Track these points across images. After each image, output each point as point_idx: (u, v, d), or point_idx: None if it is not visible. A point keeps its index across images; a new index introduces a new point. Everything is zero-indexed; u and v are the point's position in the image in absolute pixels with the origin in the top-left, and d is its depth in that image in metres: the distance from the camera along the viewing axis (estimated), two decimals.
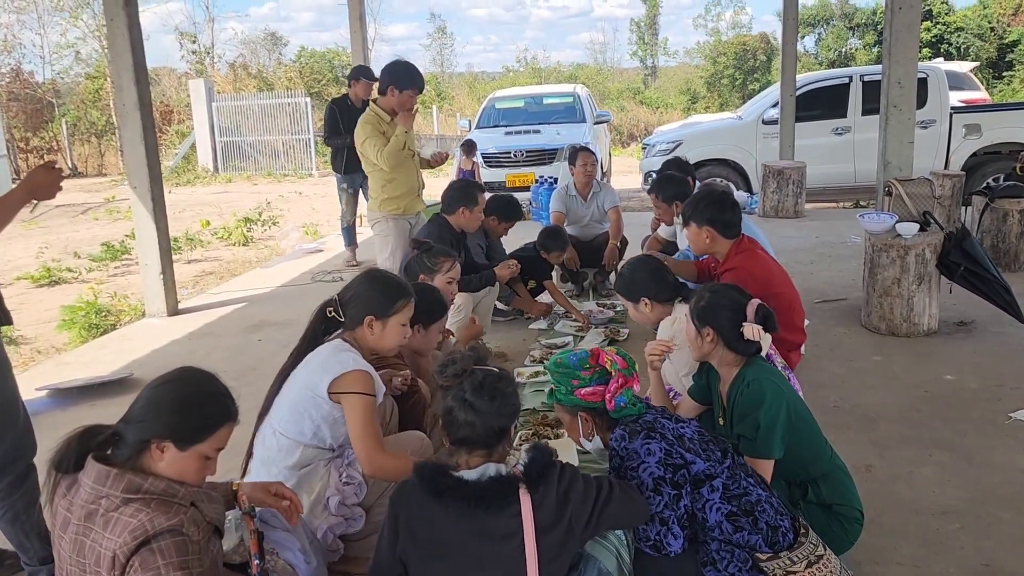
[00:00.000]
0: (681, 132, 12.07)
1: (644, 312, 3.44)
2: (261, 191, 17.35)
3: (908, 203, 5.42)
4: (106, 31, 6.62)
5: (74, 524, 1.83)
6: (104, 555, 1.77)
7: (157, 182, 6.44)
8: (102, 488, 1.82)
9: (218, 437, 1.97)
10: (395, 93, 4.93)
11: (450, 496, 1.94)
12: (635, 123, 28.68)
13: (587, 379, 2.40)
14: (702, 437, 2.35)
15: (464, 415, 2.02)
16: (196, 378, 2.04)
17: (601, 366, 2.40)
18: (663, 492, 2.18)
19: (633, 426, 2.31)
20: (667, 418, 2.37)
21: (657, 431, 2.28)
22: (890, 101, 5.49)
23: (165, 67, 28.95)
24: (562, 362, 2.45)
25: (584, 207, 6.49)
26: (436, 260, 4.00)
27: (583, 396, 2.40)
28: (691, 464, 2.23)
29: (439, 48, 44.36)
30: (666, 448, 2.23)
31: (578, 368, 2.41)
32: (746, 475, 2.31)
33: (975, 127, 10.25)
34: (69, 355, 5.98)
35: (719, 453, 2.31)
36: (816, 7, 33.07)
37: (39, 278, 8.89)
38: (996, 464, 3.47)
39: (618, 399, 2.36)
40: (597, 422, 2.44)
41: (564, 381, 2.43)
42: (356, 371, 2.60)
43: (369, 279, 2.89)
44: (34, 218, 12.96)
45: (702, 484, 2.23)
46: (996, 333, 5.16)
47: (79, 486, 1.86)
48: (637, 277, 3.48)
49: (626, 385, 2.38)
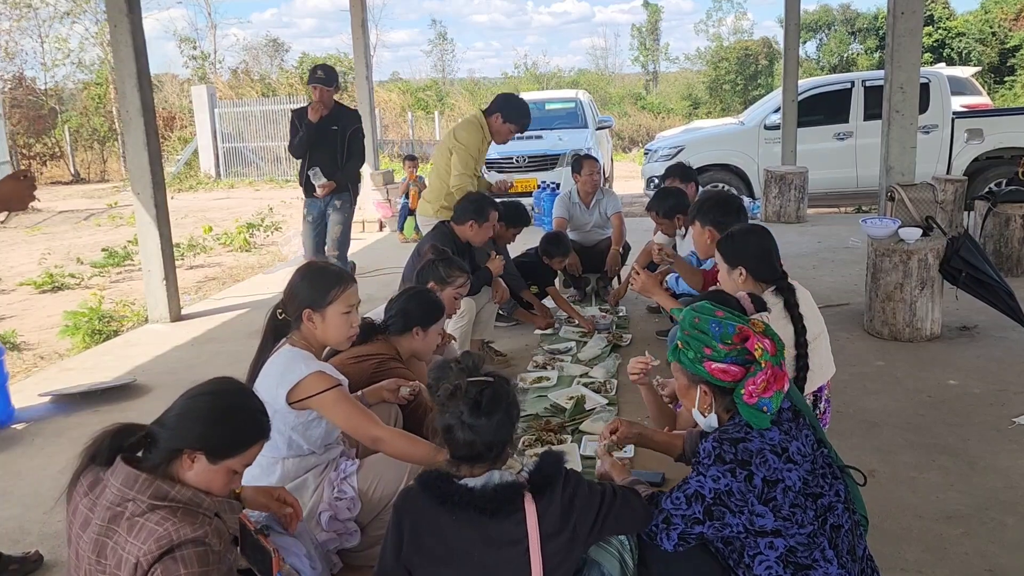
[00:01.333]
0: (683, 137, 12.08)
1: (734, 281, 3.12)
2: (263, 197, 17.38)
3: (910, 208, 5.42)
4: (109, 38, 6.64)
5: (96, 524, 1.82)
6: (127, 560, 1.76)
7: (160, 188, 6.46)
8: (129, 491, 1.82)
9: (249, 454, 1.97)
10: (499, 120, 5.29)
11: (455, 504, 1.91)
12: (637, 128, 28.72)
13: (723, 353, 2.09)
14: (806, 488, 2.03)
15: (463, 435, 1.95)
16: (233, 391, 2.03)
17: (747, 348, 2.08)
18: (692, 506, 2.03)
19: (727, 449, 2.03)
20: (779, 452, 2.04)
21: (750, 467, 2.00)
22: (892, 106, 5.49)
23: (168, 73, 29.03)
24: (701, 324, 2.13)
25: (587, 213, 6.50)
26: (451, 273, 3.96)
27: (713, 371, 2.10)
28: (757, 518, 1.99)
29: (440, 54, 44.50)
30: (733, 491, 1.99)
31: (718, 338, 2.09)
32: (831, 544, 2.04)
33: (977, 132, 10.26)
34: (72, 361, 5.98)
35: (812, 513, 2.02)
36: (818, 12, 33.16)
37: (42, 284, 8.91)
38: (1000, 469, 3.47)
39: (763, 400, 2.04)
40: (719, 400, 2.14)
41: (695, 346, 2.13)
42: (309, 376, 2.56)
43: (301, 273, 2.79)
44: (5, 227, 12.94)
45: (764, 535, 2.01)
46: (999, 338, 5.16)
47: (104, 486, 1.85)
48: (748, 242, 3.17)
49: (776, 383, 2.05)
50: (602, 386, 4.46)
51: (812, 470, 2.06)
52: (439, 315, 3.47)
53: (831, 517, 2.06)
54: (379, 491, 2.66)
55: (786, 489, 2.00)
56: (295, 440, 2.63)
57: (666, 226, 5.14)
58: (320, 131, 6.27)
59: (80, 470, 1.92)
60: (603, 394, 4.35)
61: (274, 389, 2.57)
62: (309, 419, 2.61)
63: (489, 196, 5.13)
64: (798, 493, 2.01)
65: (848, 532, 2.10)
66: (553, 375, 4.68)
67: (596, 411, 4.12)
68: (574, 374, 4.70)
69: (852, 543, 2.11)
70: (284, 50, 32.52)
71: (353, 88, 14.90)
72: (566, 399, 4.24)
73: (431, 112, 28.96)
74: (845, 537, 2.08)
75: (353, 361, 3.24)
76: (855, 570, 2.09)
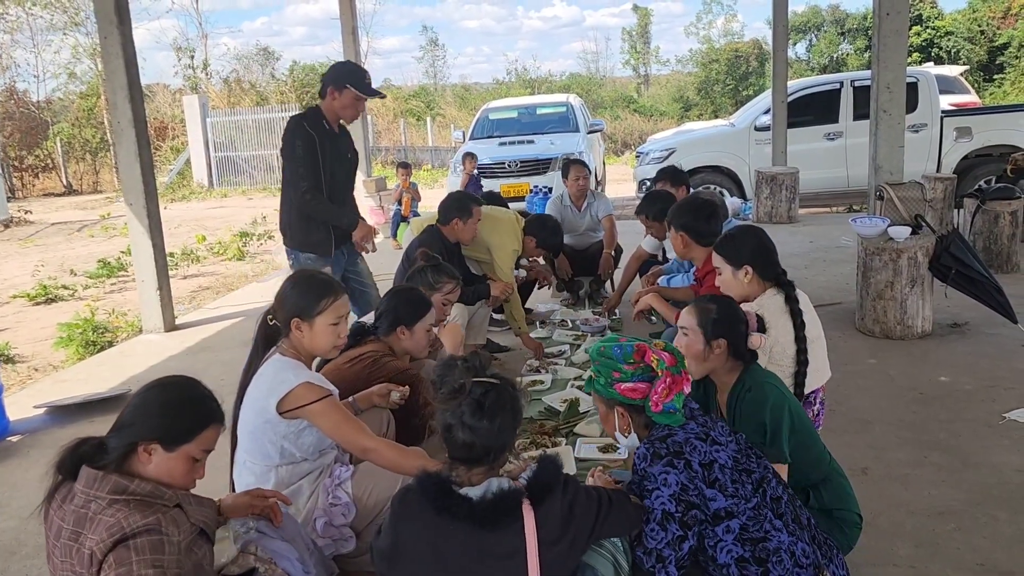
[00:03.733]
0: (675, 140, 12.13)
1: (740, 281, 3.12)
2: (256, 205, 17.37)
3: (900, 207, 5.45)
4: (100, 50, 6.64)
5: (67, 530, 1.85)
6: (85, 554, 1.80)
7: (152, 198, 6.47)
8: (90, 491, 1.86)
9: (204, 438, 2.00)
10: (533, 243, 5.38)
11: (453, 515, 1.88)
12: (629, 131, 28.83)
13: (629, 374, 2.22)
14: (738, 464, 2.16)
15: (463, 435, 1.93)
16: (180, 383, 2.09)
17: (647, 363, 2.20)
18: (668, 529, 2.06)
19: (659, 446, 2.15)
20: (703, 438, 2.17)
21: (684, 455, 2.11)
22: (880, 106, 5.53)
23: (159, 83, 29.06)
24: (605, 351, 2.26)
25: (578, 217, 6.53)
26: (440, 278, 3.96)
27: (623, 391, 2.22)
28: (710, 501, 2.09)
29: (431, 60, 44.60)
30: (684, 483, 2.08)
31: (621, 360, 2.22)
32: (776, 515, 2.14)
33: (966, 130, 10.33)
34: (66, 372, 5.98)
35: (750, 487, 2.14)
36: (807, 13, 33.33)
37: (35, 296, 8.90)
38: (991, 464, 3.49)
39: (667, 404, 2.18)
40: (635, 419, 2.26)
41: (605, 372, 2.26)
42: (298, 386, 2.55)
43: (292, 280, 2.77)
44: None
45: (719, 521, 2.09)
46: (990, 334, 5.19)
47: (72, 494, 1.89)
48: (748, 242, 3.19)
49: (676, 387, 2.18)
50: None
51: (738, 449, 2.21)
52: (423, 312, 3.43)
53: (768, 489, 2.18)
54: (374, 496, 2.67)
55: (722, 467, 2.13)
56: (287, 448, 2.63)
57: (656, 229, 5.16)
58: (340, 156, 4.60)
59: (54, 487, 1.95)
60: None
61: (264, 399, 2.57)
62: (300, 428, 2.60)
63: (468, 192, 5.11)
64: (732, 469, 2.14)
65: (788, 503, 2.21)
66: (547, 378, 4.69)
67: (590, 413, 4.12)
68: (568, 377, 4.71)
69: (795, 513, 2.22)
70: (275, 59, 32.46)
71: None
72: (560, 402, 4.26)
73: (423, 118, 28.99)
74: (787, 507, 2.19)
75: (348, 364, 3.26)
76: (805, 537, 2.18)
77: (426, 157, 25.27)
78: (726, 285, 3.18)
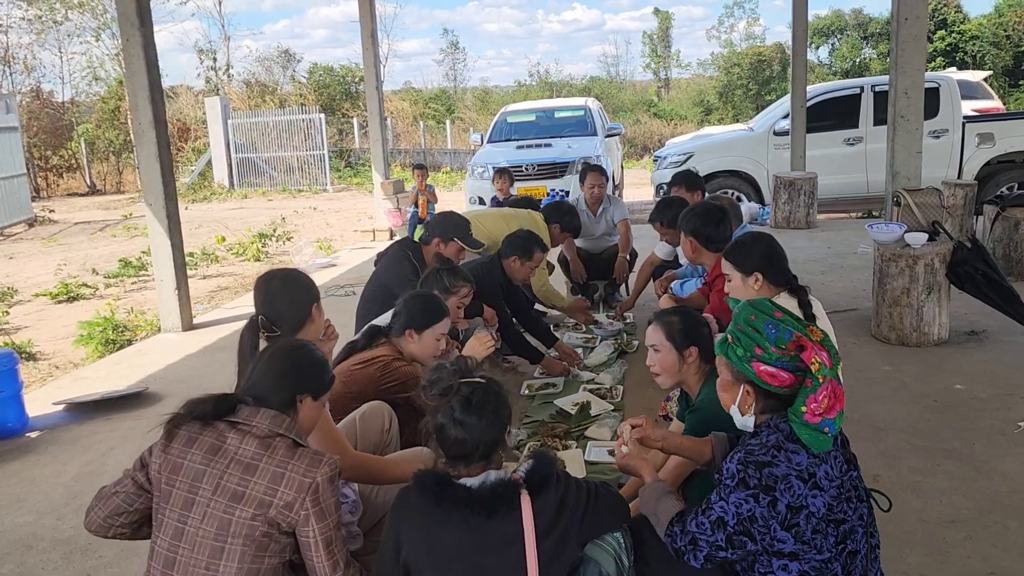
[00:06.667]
0: (692, 144, 12.08)
1: (750, 287, 3.11)
2: (276, 207, 17.52)
3: (917, 213, 5.42)
4: (122, 52, 6.73)
5: (215, 472, 2.02)
6: (296, 481, 2.01)
7: (172, 199, 6.54)
8: (279, 428, 2.09)
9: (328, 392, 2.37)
10: (559, 229, 5.68)
11: (452, 504, 1.94)
12: (649, 135, 28.76)
13: (775, 357, 2.00)
14: (830, 513, 1.95)
15: (456, 433, 2.01)
16: (299, 345, 2.36)
17: (799, 357, 1.98)
18: (715, 533, 1.98)
19: (751, 473, 1.95)
20: (805, 478, 1.93)
21: (774, 493, 1.92)
22: (897, 111, 5.50)
23: (182, 85, 29.34)
24: (756, 322, 2.04)
25: (594, 221, 6.54)
26: (455, 282, 3.93)
27: (760, 373, 2.01)
28: (778, 542, 1.95)
29: (452, 63, 44.68)
30: (755, 516, 1.94)
31: (772, 341, 2.00)
32: (844, 571, 1.99)
33: (988, 136, 10.22)
34: (86, 370, 6.06)
35: (832, 540, 1.96)
36: (830, 17, 33.09)
37: (57, 294, 9.03)
38: (1004, 473, 3.47)
39: (827, 422, 1.92)
40: (761, 404, 2.06)
41: (747, 343, 2.04)
42: None
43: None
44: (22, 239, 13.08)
45: (780, 557, 1.97)
46: (1007, 342, 5.14)
47: (241, 439, 2.06)
48: (757, 249, 3.18)
49: (839, 402, 1.94)
50: (608, 392, 4.48)
51: (838, 495, 1.97)
52: (435, 319, 3.38)
53: (850, 543, 2.00)
54: (381, 495, 2.69)
55: (809, 515, 1.93)
56: None
57: (670, 236, 5.16)
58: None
59: (178, 423, 2.11)
60: (609, 399, 4.37)
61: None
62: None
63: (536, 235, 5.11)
64: (821, 519, 1.94)
65: (863, 558, 2.05)
66: (559, 382, 4.70)
67: (601, 417, 4.14)
68: (581, 380, 4.72)
69: (865, 568, 2.06)
70: (296, 61, 32.68)
71: (364, 98, 14.99)
72: (571, 405, 4.27)
73: (442, 121, 29.08)
74: (860, 563, 2.04)
75: (359, 366, 3.26)
76: None
77: (445, 160, 25.35)
78: (736, 292, 3.19)
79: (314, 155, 21.79)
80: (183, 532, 1.99)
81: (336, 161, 23.54)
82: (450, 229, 4.76)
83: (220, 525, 1.97)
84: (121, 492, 2.15)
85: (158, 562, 2.01)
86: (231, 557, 1.96)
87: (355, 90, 27.33)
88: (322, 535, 2.02)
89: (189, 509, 2.00)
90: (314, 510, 2.00)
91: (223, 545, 1.97)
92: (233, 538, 1.97)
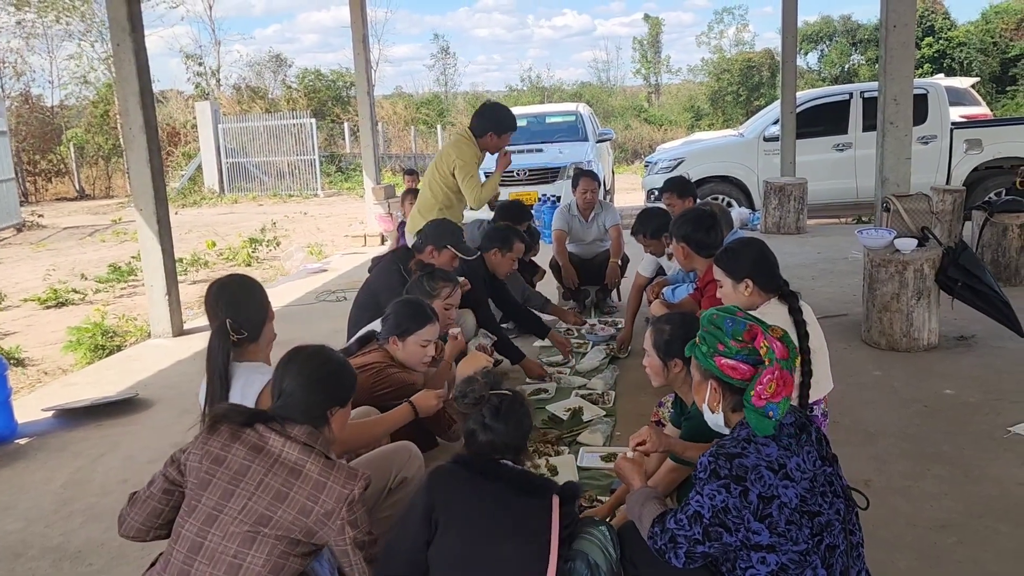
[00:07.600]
0: (683, 150, 12.13)
1: (741, 294, 3.14)
2: (267, 211, 17.48)
3: (906, 219, 5.45)
4: (112, 57, 6.72)
5: (260, 468, 2.09)
6: (336, 491, 2.08)
7: (162, 204, 6.52)
8: (315, 444, 2.16)
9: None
10: (494, 138, 5.25)
11: (494, 476, 2.21)
12: (639, 141, 28.81)
13: (734, 350, 2.11)
14: (803, 505, 1.99)
15: (484, 436, 2.28)
16: (324, 354, 2.39)
17: (755, 347, 2.09)
18: (693, 527, 2.03)
19: (722, 464, 2.01)
20: (775, 469, 1.99)
21: (745, 483, 1.97)
22: (886, 118, 5.54)
23: (172, 89, 29.22)
24: (717, 320, 2.18)
25: (586, 227, 6.55)
26: (435, 285, 3.91)
27: (723, 367, 2.12)
28: (753, 534, 1.98)
29: (443, 68, 44.70)
30: (728, 507, 1.98)
31: (729, 335, 2.13)
32: (824, 564, 2.00)
33: (976, 142, 10.30)
34: (75, 376, 6.03)
35: (807, 531, 1.99)
36: (818, 23, 33.22)
37: (46, 300, 8.98)
38: (994, 477, 3.49)
39: (771, 405, 2.02)
40: (727, 398, 2.16)
41: (710, 341, 2.16)
42: (265, 388, 2.64)
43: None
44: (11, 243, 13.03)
45: (757, 550, 1.99)
46: (996, 347, 5.18)
47: (282, 445, 2.13)
48: (748, 255, 3.19)
49: (784, 388, 2.04)
50: (600, 397, 4.49)
51: (811, 488, 2.02)
52: (416, 326, 3.37)
53: (827, 536, 2.03)
54: (368, 489, 2.69)
55: (782, 506, 1.97)
56: None
57: (654, 247, 5.18)
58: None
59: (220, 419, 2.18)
60: (601, 405, 4.37)
61: (240, 400, 2.61)
62: None
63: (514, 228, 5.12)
64: (794, 510, 1.98)
65: (843, 553, 2.07)
66: (551, 387, 4.71)
67: (593, 422, 4.14)
68: (573, 385, 4.73)
69: (847, 564, 2.08)
70: (287, 66, 32.60)
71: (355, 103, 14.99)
72: (564, 411, 4.27)
73: (433, 126, 29.08)
74: (840, 558, 2.06)
75: None
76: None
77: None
78: (727, 298, 3.20)
79: (305, 160, 21.77)
80: (216, 519, 2.04)
81: (327, 166, 23.52)
82: (443, 237, 4.73)
83: (259, 519, 2.03)
84: (156, 493, 2.19)
85: (183, 545, 2.04)
86: (262, 548, 2.02)
87: (346, 95, 27.31)
88: (355, 541, 2.12)
89: (228, 499, 2.05)
90: (349, 519, 2.09)
91: (256, 535, 2.03)
92: (269, 530, 2.03)
